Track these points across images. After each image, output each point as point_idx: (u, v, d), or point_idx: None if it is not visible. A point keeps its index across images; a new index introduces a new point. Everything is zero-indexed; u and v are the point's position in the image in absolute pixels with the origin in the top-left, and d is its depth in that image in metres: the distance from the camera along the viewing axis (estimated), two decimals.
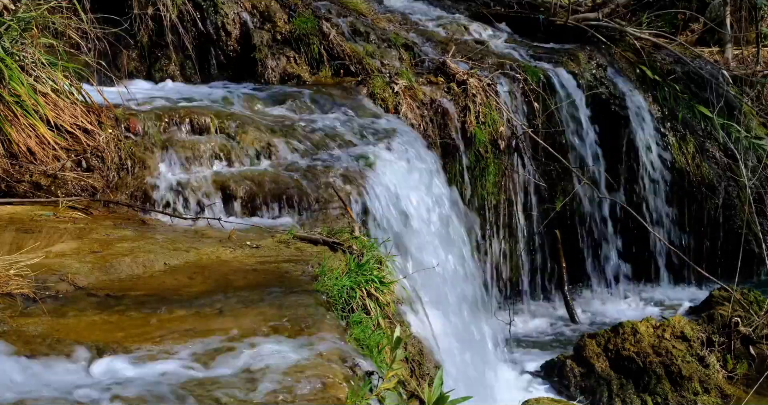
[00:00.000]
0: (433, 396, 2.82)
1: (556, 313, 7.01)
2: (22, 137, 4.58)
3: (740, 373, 5.40)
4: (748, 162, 7.26)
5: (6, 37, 4.78)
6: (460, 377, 4.66)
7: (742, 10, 8.79)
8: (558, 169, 7.00)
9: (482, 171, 6.56)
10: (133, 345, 2.82)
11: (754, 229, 7.25)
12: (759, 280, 7.37)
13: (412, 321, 4.44)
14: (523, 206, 6.85)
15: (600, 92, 7.30)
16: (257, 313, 3.13)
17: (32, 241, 3.80)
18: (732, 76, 7.89)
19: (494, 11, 8.16)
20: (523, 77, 6.87)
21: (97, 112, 4.97)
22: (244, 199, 4.79)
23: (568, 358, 5.77)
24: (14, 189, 4.55)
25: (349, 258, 3.96)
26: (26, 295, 3.19)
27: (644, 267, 7.48)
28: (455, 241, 5.50)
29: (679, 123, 7.57)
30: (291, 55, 6.42)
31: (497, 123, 6.58)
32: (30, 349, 2.77)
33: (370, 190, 4.93)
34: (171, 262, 3.72)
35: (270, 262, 3.80)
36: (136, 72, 6.26)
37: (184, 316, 3.11)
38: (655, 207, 7.45)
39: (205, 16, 6.37)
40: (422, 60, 6.80)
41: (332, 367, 2.66)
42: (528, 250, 6.96)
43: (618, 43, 7.78)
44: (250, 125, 5.27)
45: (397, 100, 6.19)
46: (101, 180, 4.72)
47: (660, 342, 5.54)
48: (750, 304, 5.70)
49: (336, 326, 3.05)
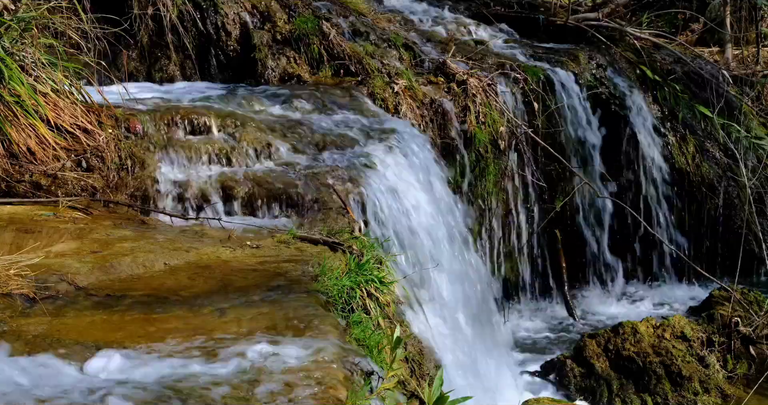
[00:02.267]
0: (433, 396, 2.82)
1: (556, 313, 7.01)
2: (22, 137, 4.58)
3: (740, 373, 5.40)
4: (748, 162, 7.26)
5: (6, 37, 4.78)
6: (460, 377, 4.66)
7: (742, 10, 8.79)
8: (558, 169, 7.00)
9: (482, 171, 6.55)
10: (133, 345, 2.82)
11: (754, 229, 7.25)
12: (759, 280, 7.37)
13: (412, 321, 4.44)
14: (523, 206, 6.85)
15: (600, 92, 7.30)
16: (257, 313, 3.13)
17: (32, 241, 3.80)
18: (732, 76, 7.88)
19: (494, 11, 8.16)
20: (523, 77, 6.87)
21: (97, 112, 4.97)
22: (244, 199, 4.80)
23: (568, 358, 5.77)
24: (14, 189, 4.55)
25: (349, 258, 3.96)
26: (26, 295, 3.19)
27: (644, 267, 7.49)
28: (456, 240, 5.50)
29: (679, 123, 7.57)
30: (291, 55, 6.42)
31: (497, 123, 6.58)
32: (30, 349, 2.77)
33: (370, 190, 4.93)
34: (171, 262, 3.73)
35: (270, 262, 3.80)
36: (136, 72, 6.26)
37: (184, 316, 3.11)
38: (655, 207, 7.45)
39: (205, 16, 6.38)
40: (422, 60, 6.80)
41: (332, 367, 2.66)
42: (528, 249, 6.96)
43: (618, 43, 7.77)
44: (250, 125, 5.28)
45: (397, 100, 6.19)
46: (101, 180, 4.72)
47: (660, 342, 5.54)
48: (750, 304, 5.71)
49: (336, 326, 3.05)
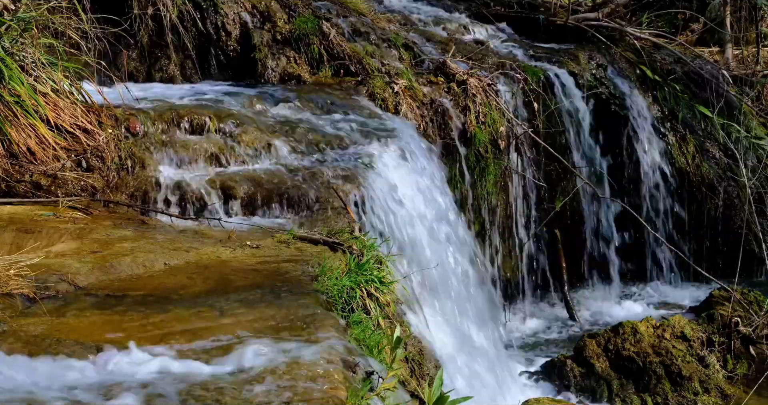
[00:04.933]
0: (433, 396, 2.82)
1: (556, 313, 7.00)
2: (22, 137, 4.58)
3: (740, 373, 5.40)
4: (748, 162, 7.26)
5: (6, 37, 4.78)
6: (460, 377, 4.66)
7: (742, 10, 8.79)
8: (558, 169, 7.00)
9: (482, 171, 6.55)
10: (133, 345, 2.82)
11: (754, 229, 7.24)
12: (759, 280, 7.36)
13: (411, 321, 4.44)
14: (523, 206, 6.85)
15: (600, 92, 7.30)
16: (257, 313, 3.13)
17: (32, 241, 3.80)
18: (732, 76, 7.88)
19: (494, 11, 8.15)
20: (523, 77, 6.87)
21: (97, 112, 4.97)
22: (244, 199, 4.80)
23: (568, 358, 5.77)
24: (14, 189, 4.55)
25: (349, 258, 3.96)
26: (26, 295, 3.19)
27: (644, 267, 7.48)
28: (456, 240, 5.50)
29: (679, 123, 7.57)
30: (291, 55, 6.42)
31: (497, 123, 6.58)
32: (30, 349, 2.77)
33: (370, 190, 4.93)
34: (171, 262, 3.73)
35: (270, 262, 3.80)
36: (136, 72, 6.26)
37: (184, 316, 3.11)
38: (655, 207, 7.45)
39: (205, 16, 6.37)
40: (422, 60, 6.79)
41: (332, 367, 2.66)
42: (528, 249, 6.96)
43: (618, 43, 7.77)
44: (250, 125, 5.28)
45: (397, 100, 6.19)
46: (101, 180, 4.72)
47: (660, 342, 5.54)
48: (750, 304, 5.70)
49: (336, 326, 3.05)
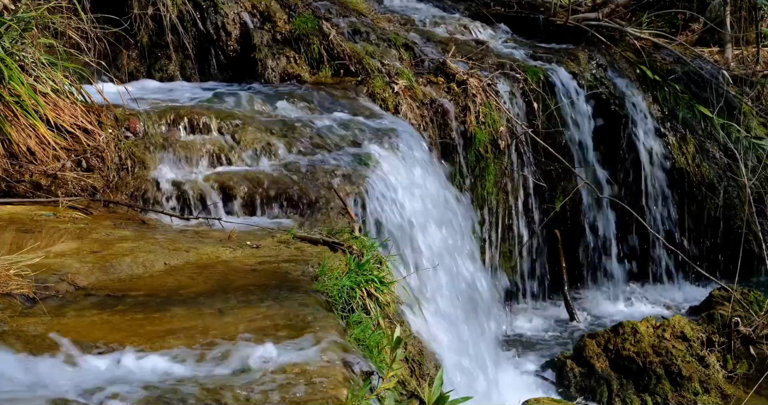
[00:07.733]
0: (433, 396, 2.82)
1: (556, 313, 7.00)
2: (22, 137, 4.58)
3: (740, 373, 5.40)
4: (748, 162, 7.26)
5: (6, 37, 4.78)
6: (460, 377, 4.66)
7: (742, 10, 8.79)
8: (558, 169, 7.00)
9: (482, 171, 6.55)
10: (133, 345, 2.82)
11: (754, 229, 7.25)
12: (759, 280, 7.36)
13: (411, 320, 4.44)
14: (523, 206, 6.85)
15: (600, 92, 7.30)
16: (257, 312, 3.13)
17: (32, 241, 3.80)
18: (732, 76, 7.88)
19: (494, 11, 8.15)
20: (523, 77, 6.87)
21: (97, 112, 4.97)
22: (244, 199, 4.80)
23: (568, 358, 5.77)
24: (14, 189, 4.55)
25: (349, 258, 3.96)
26: (26, 295, 3.19)
27: (644, 267, 7.48)
28: (455, 240, 5.50)
29: (679, 123, 7.57)
30: (291, 55, 6.42)
31: (497, 123, 6.58)
32: (30, 349, 2.77)
33: (370, 190, 4.93)
34: (171, 262, 3.73)
35: (270, 262, 3.80)
36: (136, 72, 6.25)
37: (184, 316, 3.11)
38: (655, 207, 7.45)
39: (205, 16, 6.37)
40: (422, 60, 6.79)
41: (332, 367, 2.66)
42: (528, 249, 6.96)
43: (618, 43, 7.77)
44: (250, 125, 5.28)
45: (397, 100, 6.19)
46: (101, 180, 4.72)
47: (660, 342, 5.54)
48: (750, 304, 5.71)
49: (336, 326, 3.05)
